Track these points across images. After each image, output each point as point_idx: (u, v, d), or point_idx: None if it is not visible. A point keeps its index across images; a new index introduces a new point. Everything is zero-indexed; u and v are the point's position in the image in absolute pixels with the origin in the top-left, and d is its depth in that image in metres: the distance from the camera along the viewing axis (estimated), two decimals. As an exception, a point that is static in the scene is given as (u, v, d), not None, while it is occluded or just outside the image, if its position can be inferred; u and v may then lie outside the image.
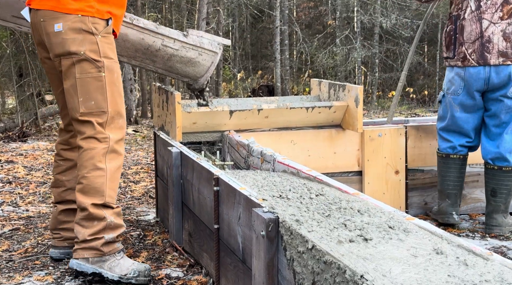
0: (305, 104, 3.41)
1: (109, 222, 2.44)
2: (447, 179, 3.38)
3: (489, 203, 3.31)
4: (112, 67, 2.52)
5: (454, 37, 3.32)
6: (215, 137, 3.41)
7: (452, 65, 3.35)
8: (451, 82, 3.35)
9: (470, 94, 3.29)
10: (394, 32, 15.83)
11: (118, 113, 2.54)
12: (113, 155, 2.50)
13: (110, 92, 2.51)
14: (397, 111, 12.23)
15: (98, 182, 2.45)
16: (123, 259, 2.48)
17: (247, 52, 19.49)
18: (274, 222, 1.74)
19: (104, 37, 2.51)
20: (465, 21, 3.27)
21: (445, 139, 3.41)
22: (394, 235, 1.60)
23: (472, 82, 3.25)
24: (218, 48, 3.00)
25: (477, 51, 3.23)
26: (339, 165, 3.52)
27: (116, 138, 2.52)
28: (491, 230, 3.26)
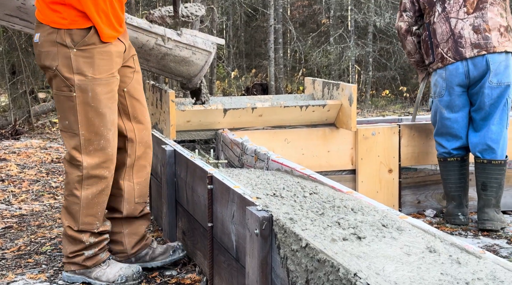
0: (299, 103, 3.41)
1: (87, 244, 2.44)
2: (449, 181, 3.41)
3: (480, 198, 3.32)
4: (85, 86, 2.32)
5: (430, 41, 3.39)
6: (209, 135, 3.41)
7: (434, 69, 3.40)
8: (435, 85, 3.41)
9: (453, 92, 3.32)
10: (388, 31, 15.85)
11: (96, 134, 2.35)
12: (91, 180, 2.38)
13: (83, 113, 2.33)
14: (390, 110, 12.25)
15: (74, 209, 2.41)
16: (110, 266, 2.47)
17: (241, 51, 19.48)
18: (268, 220, 1.74)
19: (81, 51, 2.31)
20: (435, 25, 3.36)
21: (439, 144, 3.44)
22: (387, 233, 1.60)
23: (453, 79, 3.30)
24: (212, 48, 2.99)
25: (451, 48, 3.29)
26: (332, 164, 3.52)
27: (94, 163, 2.37)
28: (483, 224, 3.27)
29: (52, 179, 4.57)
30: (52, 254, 2.89)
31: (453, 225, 3.37)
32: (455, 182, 3.39)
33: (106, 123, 2.38)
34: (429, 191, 3.62)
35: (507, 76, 3.26)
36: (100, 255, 2.47)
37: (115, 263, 2.51)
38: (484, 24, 3.26)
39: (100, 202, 2.43)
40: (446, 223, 3.42)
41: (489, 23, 3.27)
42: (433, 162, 3.61)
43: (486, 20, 3.27)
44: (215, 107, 3.27)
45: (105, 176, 2.41)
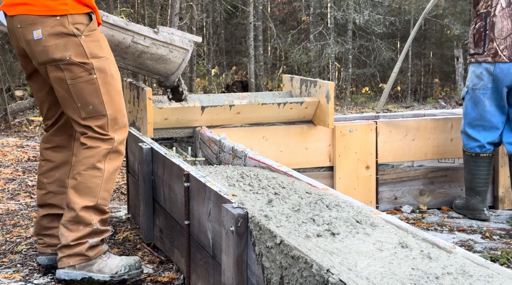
0: (277, 100, 3.42)
1: (94, 228, 2.38)
2: (478, 177, 3.45)
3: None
4: (103, 66, 2.38)
5: (484, 33, 3.38)
6: (187, 133, 3.40)
7: (480, 61, 3.40)
8: (480, 77, 3.40)
9: (498, 90, 3.36)
10: (367, 28, 15.95)
11: (120, 112, 2.43)
12: (114, 155, 2.42)
13: (106, 93, 2.38)
14: (370, 107, 12.33)
15: (94, 182, 2.38)
16: (110, 258, 2.44)
17: (221, 48, 19.45)
18: (244, 218, 1.74)
19: (88, 36, 2.36)
20: (495, 18, 3.35)
21: (472, 138, 3.46)
22: (361, 229, 1.62)
23: (503, 78, 3.33)
24: (189, 45, 2.98)
25: (509, 47, 3.32)
26: (310, 161, 3.54)
27: (121, 139, 2.44)
28: None
29: (29, 177, 4.52)
30: (28, 253, 2.86)
31: (477, 219, 3.41)
32: (484, 178, 3.44)
33: (123, 101, 2.48)
34: (405, 187, 3.66)
35: None
36: (102, 246, 2.44)
37: (113, 255, 2.48)
38: None
39: (114, 178, 2.47)
40: (463, 217, 3.46)
41: None
42: (409, 158, 3.65)
43: None
44: (192, 105, 3.26)
45: (123, 152, 2.48)
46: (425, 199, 3.69)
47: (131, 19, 11.87)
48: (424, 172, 3.69)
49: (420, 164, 3.69)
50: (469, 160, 3.48)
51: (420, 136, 3.66)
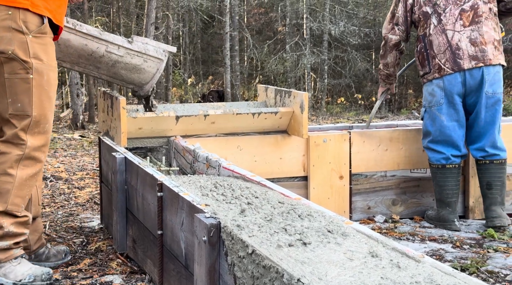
0: (251, 110, 3.44)
1: (6, 231, 2.38)
2: (446, 188, 3.50)
3: (486, 197, 3.48)
4: (41, 69, 2.40)
5: (426, 53, 3.52)
6: (161, 142, 3.39)
7: (430, 79, 3.52)
8: (432, 94, 3.52)
9: (451, 101, 3.45)
10: (343, 39, 16.13)
11: (44, 117, 2.44)
12: (28, 161, 2.41)
13: (37, 95, 2.40)
14: (345, 117, 12.44)
15: (4, 188, 2.37)
16: (20, 264, 2.43)
17: (198, 57, 19.46)
18: (216, 227, 1.75)
19: (36, 38, 2.38)
20: (431, 37, 3.48)
21: (436, 151, 3.53)
22: (332, 239, 1.63)
23: (452, 88, 3.44)
24: (164, 55, 2.99)
25: (449, 59, 3.43)
26: (285, 170, 3.56)
27: (37, 145, 2.42)
28: (492, 222, 3.41)
29: None
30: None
31: (448, 230, 3.45)
32: (452, 189, 3.50)
33: (51, 108, 2.48)
34: (378, 197, 3.70)
35: (499, 87, 3.45)
36: (14, 250, 2.42)
37: (26, 262, 2.47)
38: (480, 37, 3.42)
39: (30, 185, 2.45)
40: (435, 227, 3.51)
41: (485, 36, 3.42)
42: (382, 169, 3.70)
43: (482, 34, 3.42)
44: (167, 114, 3.26)
45: (41, 159, 2.46)
46: (398, 209, 3.73)
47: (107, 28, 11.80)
48: (396, 182, 3.73)
49: (393, 174, 3.73)
50: (436, 172, 3.54)
51: (393, 146, 3.71)
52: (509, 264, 2.77)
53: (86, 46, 2.79)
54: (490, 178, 3.48)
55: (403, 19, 3.60)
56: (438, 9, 3.47)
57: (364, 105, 17.49)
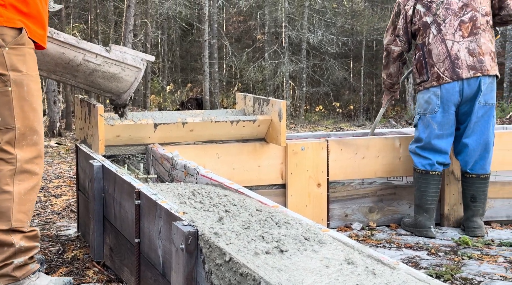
0: (230, 118, 3.45)
1: (18, 247, 2.33)
2: (426, 194, 3.57)
3: (469, 209, 3.58)
4: (20, 80, 2.33)
5: (424, 61, 3.59)
6: (139, 150, 3.39)
7: (427, 87, 3.59)
8: (428, 102, 3.58)
9: (446, 110, 3.53)
10: (321, 48, 16.25)
11: (31, 129, 2.36)
12: (23, 175, 2.35)
13: (19, 107, 2.33)
14: (323, 125, 12.51)
15: (4, 206, 2.31)
16: (39, 278, 2.39)
17: (177, 65, 19.42)
18: (194, 235, 1.75)
19: (13, 49, 2.32)
20: (430, 46, 3.56)
21: (423, 156, 3.60)
22: (309, 246, 1.65)
23: (449, 97, 3.51)
24: (142, 64, 2.99)
25: (448, 68, 3.51)
26: (263, 178, 3.57)
27: (27, 157, 2.35)
28: (473, 232, 3.53)
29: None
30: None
31: (424, 237, 3.51)
32: (432, 195, 3.57)
33: (38, 119, 2.41)
34: (356, 204, 3.73)
35: (492, 97, 3.54)
36: (30, 265, 2.38)
37: (44, 275, 2.44)
38: (478, 48, 3.51)
39: (31, 199, 2.39)
40: (411, 234, 3.57)
41: (483, 47, 3.52)
42: (359, 176, 3.73)
43: (480, 45, 3.52)
44: (145, 122, 3.25)
45: (36, 172, 2.40)
46: (375, 216, 3.77)
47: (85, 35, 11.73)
48: (373, 190, 3.77)
49: (370, 182, 3.77)
50: (419, 177, 3.59)
51: (370, 154, 3.75)
52: (483, 271, 2.82)
53: (63, 54, 2.78)
54: (475, 191, 3.58)
55: (404, 30, 3.68)
56: (438, 19, 3.55)
57: (342, 114, 17.62)
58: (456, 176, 3.76)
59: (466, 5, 3.54)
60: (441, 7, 3.55)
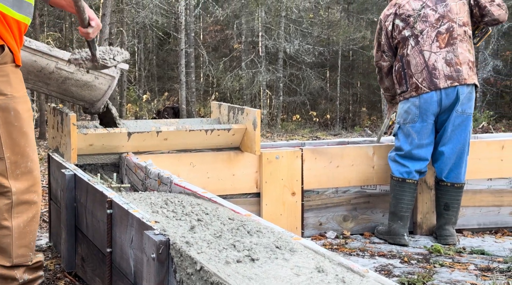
0: (204, 127, 3.45)
1: (21, 282, 2.25)
2: (402, 202, 3.61)
3: (442, 217, 3.64)
4: (5, 105, 2.17)
5: (403, 72, 3.66)
6: (113, 159, 3.36)
7: (407, 97, 3.65)
8: (407, 112, 3.64)
9: (426, 120, 3.59)
10: (297, 57, 16.34)
11: (23, 155, 2.21)
12: (22, 207, 2.23)
13: (7, 134, 2.17)
14: (300, 134, 12.56)
15: (4, 242, 2.21)
16: None
17: (153, 74, 19.35)
18: (165, 244, 1.74)
19: None
20: (409, 57, 3.63)
21: (401, 164, 3.64)
22: (280, 254, 1.65)
23: (428, 107, 3.57)
24: (116, 72, 2.98)
25: (426, 79, 3.57)
26: (237, 187, 3.57)
27: (23, 188, 2.23)
28: (446, 240, 3.58)
29: None
30: None
31: (397, 244, 3.54)
32: (408, 203, 3.61)
33: (30, 143, 2.27)
34: (330, 213, 3.75)
35: (470, 107, 3.60)
36: None
37: None
38: (455, 58, 3.58)
39: (32, 230, 2.28)
40: (384, 243, 3.59)
41: (460, 57, 3.58)
42: (333, 185, 3.75)
43: (457, 55, 3.58)
44: (118, 130, 3.23)
45: (34, 200, 2.28)
46: (349, 225, 3.79)
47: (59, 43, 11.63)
48: (347, 198, 3.79)
49: (344, 190, 3.79)
50: (396, 185, 3.64)
51: (344, 163, 3.77)
52: (454, 278, 2.85)
53: (35, 62, 2.75)
54: (448, 200, 3.63)
55: (388, 46, 3.75)
56: (415, 32, 3.62)
57: (319, 123, 17.71)
58: (429, 184, 3.81)
59: (442, 17, 3.61)
60: (418, 20, 3.63)
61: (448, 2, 3.63)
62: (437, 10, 3.63)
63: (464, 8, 3.63)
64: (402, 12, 3.68)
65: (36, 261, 2.31)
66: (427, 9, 3.64)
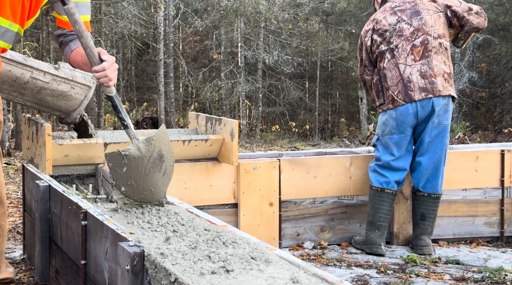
0: (182, 138, 3.44)
1: None
2: (380, 211, 3.63)
3: (418, 227, 3.67)
4: None
5: (381, 85, 3.72)
6: (89, 170, 3.33)
7: (384, 110, 3.71)
8: (385, 124, 3.70)
9: (402, 132, 3.64)
10: (277, 68, 16.41)
11: None
12: None
13: None
14: (279, 145, 12.58)
15: None
16: None
17: (132, 84, 19.27)
18: (140, 256, 1.73)
19: None
20: (385, 70, 3.69)
21: (380, 174, 3.68)
22: (255, 265, 1.65)
23: (403, 119, 3.62)
24: (92, 82, 2.96)
25: (402, 91, 3.63)
26: (215, 198, 3.56)
27: None
28: (421, 250, 3.61)
29: None
30: None
31: (374, 254, 3.56)
32: (385, 213, 3.64)
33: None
34: (307, 223, 3.76)
35: (446, 119, 3.64)
36: None
37: None
38: (430, 70, 3.63)
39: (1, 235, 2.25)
40: (361, 253, 3.61)
41: (435, 69, 3.63)
42: (311, 196, 3.76)
43: (432, 67, 3.63)
44: (95, 141, 3.21)
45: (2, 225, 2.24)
46: (326, 235, 3.80)
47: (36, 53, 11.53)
48: (325, 209, 3.81)
49: (322, 201, 3.81)
50: (374, 195, 3.67)
51: (321, 174, 3.79)
52: (430, 287, 2.87)
53: (10, 72, 2.73)
54: (425, 210, 3.67)
55: (369, 60, 3.82)
56: (391, 46, 3.69)
57: (298, 133, 17.78)
58: (405, 195, 3.84)
59: (417, 30, 3.66)
60: (393, 34, 3.69)
61: (423, 15, 3.68)
62: (412, 24, 3.68)
63: (439, 20, 3.69)
64: (379, 27, 3.74)
65: (4, 277, 2.27)
66: (402, 23, 3.70)
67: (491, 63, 16.88)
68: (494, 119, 16.41)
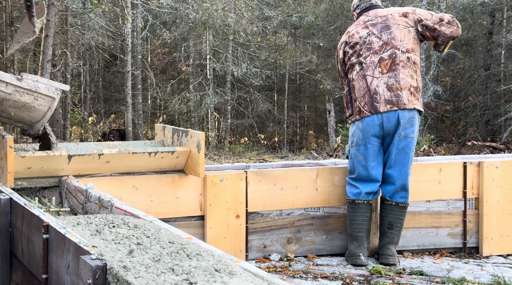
0: (148, 150, 3.42)
1: None
2: (354, 222, 3.68)
3: (385, 236, 3.71)
4: None
5: (350, 96, 3.79)
6: (52, 182, 3.28)
7: (353, 121, 3.77)
8: (353, 135, 3.76)
9: (369, 142, 3.69)
10: (245, 80, 16.46)
11: None
12: None
13: None
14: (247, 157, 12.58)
15: None
16: None
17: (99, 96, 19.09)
18: (102, 269, 1.70)
19: None
20: (354, 81, 3.77)
21: (353, 186, 3.73)
22: (219, 278, 1.64)
23: (369, 130, 3.68)
24: (56, 94, 2.92)
25: (368, 102, 3.69)
26: (181, 210, 3.54)
27: None
28: (387, 259, 3.64)
29: None
30: None
31: (354, 265, 3.59)
32: (360, 223, 3.67)
33: None
34: (274, 235, 3.76)
35: (412, 131, 3.70)
36: None
37: None
38: (396, 83, 3.69)
39: None
40: (347, 263, 3.63)
41: (401, 82, 3.69)
42: (278, 207, 3.77)
43: (398, 80, 3.69)
44: (58, 153, 3.16)
45: None
46: (293, 247, 3.81)
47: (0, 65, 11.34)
48: (291, 221, 3.82)
49: (288, 213, 3.82)
50: (349, 207, 3.74)
51: (288, 186, 3.80)
52: (395, 298, 2.90)
53: (-29, 82, 2.68)
54: (392, 219, 3.72)
55: (343, 72, 3.90)
56: (360, 58, 3.76)
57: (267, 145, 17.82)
58: (371, 206, 3.88)
59: (386, 44, 3.74)
60: (363, 47, 3.77)
61: (392, 30, 3.76)
62: (381, 38, 3.76)
63: (409, 35, 3.76)
64: (351, 40, 3.82)
65: None
66: (372, 37, 3.77)
67: (455, 77, 17.26)
68: (458, 132, 16.74)
